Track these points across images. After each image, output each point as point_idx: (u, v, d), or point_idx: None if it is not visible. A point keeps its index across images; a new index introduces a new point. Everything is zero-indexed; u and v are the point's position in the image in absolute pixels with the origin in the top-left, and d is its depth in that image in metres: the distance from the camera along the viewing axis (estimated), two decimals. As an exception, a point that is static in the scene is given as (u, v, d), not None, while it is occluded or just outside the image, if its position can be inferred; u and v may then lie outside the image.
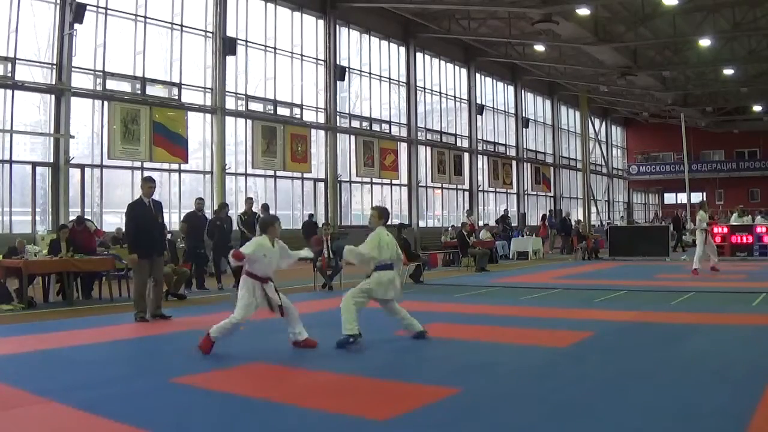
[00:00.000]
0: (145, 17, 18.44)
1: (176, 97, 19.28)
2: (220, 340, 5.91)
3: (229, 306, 10.01)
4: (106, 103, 17.58)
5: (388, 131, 26.48)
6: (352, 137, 24.80)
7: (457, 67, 30.57)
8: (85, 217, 13.70)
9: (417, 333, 6.56)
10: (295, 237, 21.19)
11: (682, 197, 34.20)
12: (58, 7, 16.48)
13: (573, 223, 26.93)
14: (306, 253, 6.81)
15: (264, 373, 5.42)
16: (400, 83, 27.16)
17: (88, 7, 16.66)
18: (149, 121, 18.12)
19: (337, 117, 23.92)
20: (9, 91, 15.92)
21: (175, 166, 19.18)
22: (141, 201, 8.51)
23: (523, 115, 35.31)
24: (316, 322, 8.29)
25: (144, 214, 8.32)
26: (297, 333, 6.21)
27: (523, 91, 35.36)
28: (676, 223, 25.32)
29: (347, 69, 24.21)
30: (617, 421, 3.92)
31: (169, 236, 10.63)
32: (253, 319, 8.75)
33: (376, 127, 25.93)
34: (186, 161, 19.34)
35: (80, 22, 16.51)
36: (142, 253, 8.22)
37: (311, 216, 20.67)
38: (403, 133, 27.15)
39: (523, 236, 23.92)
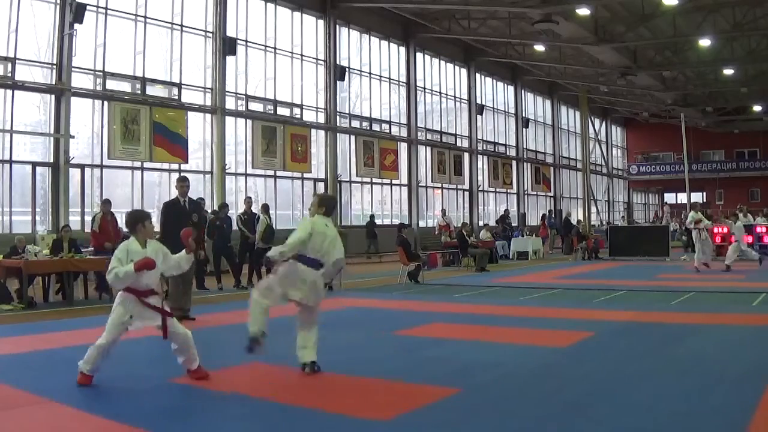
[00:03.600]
0: (145, 17, 18.43)
1: (176, 97, 19.27)
2: (96, 369, 4.95)
3: (229, 306, 10.03)
4: (106, 103, 17.58)
5: (388, 131, 26.48)
6: (352, 137, 24.80)
7: (457, 67, 30.56)
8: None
9: (303, 364, 5.28)
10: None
11: (683, 197, 34.16)
12: (58, 7, 16.47)
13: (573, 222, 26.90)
14: (184, 254, 5.40)
15: (264, 373, 5.41)
16: (400, 83, 27.15)
17: (88, 7, 16.64)
18: (149, 121, 18.12)
19: (337, 117, 23.92)
20: (9, 91, 15.91)
21: (175, 166, 19.16)
22: (177, 201, 8.64)
23: (523, 115, 35.31)
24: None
25: (179, 213, 8.40)
26: (185, 361, 5.11)
27: (523, 91, 35.35)
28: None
29: (347, 69, 24.20)
30: (617, 421, 3.92)
31: None
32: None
33: (376, 127, 25.93)
34: (186, 161, 19.33)
35: (80, 22, 16.50)
36: (176, 252, 8.24)
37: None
38: (403, 133, 27.14)
39: (523, 236, 23.92)
